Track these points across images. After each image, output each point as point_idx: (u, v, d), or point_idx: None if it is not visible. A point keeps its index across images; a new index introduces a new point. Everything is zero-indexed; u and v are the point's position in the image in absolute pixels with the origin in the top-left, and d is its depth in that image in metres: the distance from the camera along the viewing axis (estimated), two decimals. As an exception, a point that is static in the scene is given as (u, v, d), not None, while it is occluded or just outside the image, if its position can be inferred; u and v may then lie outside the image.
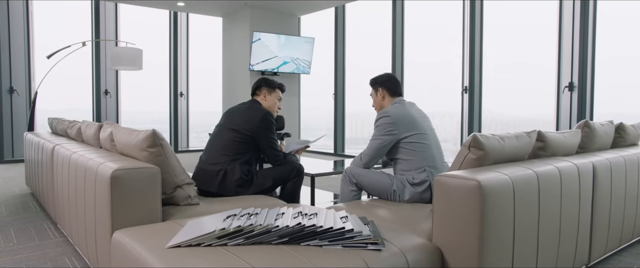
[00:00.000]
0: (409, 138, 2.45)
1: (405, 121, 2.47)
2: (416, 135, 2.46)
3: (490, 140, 1.95)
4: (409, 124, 2.47)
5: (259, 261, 1.37)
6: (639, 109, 5.12)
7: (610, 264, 2.47)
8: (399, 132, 2.45)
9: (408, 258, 1.57)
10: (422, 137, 2.47)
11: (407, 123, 2.47)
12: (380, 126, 2.50)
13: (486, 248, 1.64)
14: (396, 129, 2.45)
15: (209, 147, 2.74)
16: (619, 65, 5.21)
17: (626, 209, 2.57)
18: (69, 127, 3.68)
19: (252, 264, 1.35)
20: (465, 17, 6.32)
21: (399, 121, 2.46)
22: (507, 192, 1.72)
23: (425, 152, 2.46)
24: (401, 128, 2.45)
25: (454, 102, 6.50)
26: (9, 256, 2.59)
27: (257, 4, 7.32)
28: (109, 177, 1.89)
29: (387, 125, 2.47)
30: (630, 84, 5.20)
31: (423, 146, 2.46)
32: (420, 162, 2.43)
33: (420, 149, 2.45)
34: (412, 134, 2.46)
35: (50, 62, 6.03)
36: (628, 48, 5.15)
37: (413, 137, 2.45)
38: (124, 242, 1.67)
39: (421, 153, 2.45)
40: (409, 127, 2.46)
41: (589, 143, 2.63)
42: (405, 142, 2.46)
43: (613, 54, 5.15)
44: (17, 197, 4.34)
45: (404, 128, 2.46)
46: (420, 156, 2.44)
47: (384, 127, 2.47)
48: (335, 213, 1.72)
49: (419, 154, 2.44)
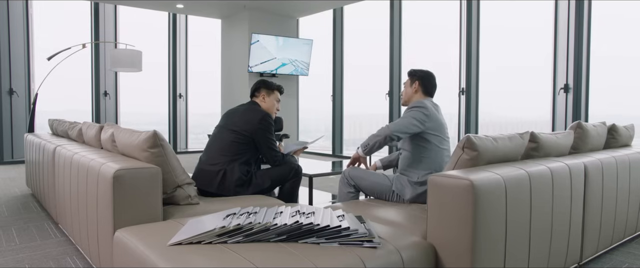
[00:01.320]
0: (433, 137, 2.52)
1: (435, 120, 2.54)
2: (438, 137, 2.53)
3: (483, 141, 2.00)
4: (437, 124, 2.55)
5: (258, 258, 1.42)
6: (633, 110, 5.19)
7: (602, 262, 2.52)
8: (428, 126, 2.51)
9: (403, 255, 1.61)
10: (441, 141, 2.55)
11: (436, 122, 2.54)
12: (415, 112, 2.53)
13: (479, 246, 1.69)
14: (428, 121, 2.51)
15: (208, 147, 2.78)
16: (614, 67, 5.27)
17: (618, 208, 2.62)
18: (70, 128, 3.72)
19: (252, 261, 1.39)
20: (462, 20, 6.38)
21: (432, 117, 2.53)
22: (499, 191, 1.77)
23: (438, 156, 2.53)
24: (430, 124, 2.52)
25: (451, 103, 6.55)
26: (12, 255, 2.63)
27: (256, 6, 7.37)
28: (111, 177, 1.93)
29: (421, 114, 2.51)
30: (625, 85, 5.26)
31: (439, 150, 2.53)
32: (430, 163, 2.50)
33: (435, 151, 2.52)
34: (436, 134, 2.53)
35: (49, 63, 6.07)
36: (622, 49, 5.22)
37: (435, 138, 2.52)
38: (126, 241, 1.71)
39: (435, 155, 2.52)
40: (436, 127, 2.54)
41: (581, 144, 2.68)
42: (429, 135, 2.51)
43: (608, 55, 5.21)
44: (18, 197, 4.37)
45: (433, 126, 2.52)
46: (433, 158, 2.51)
47: (418, 114, 2.51)
48: (332, 212, 1.77)
49: (432, 155, 2.51)
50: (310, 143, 3.25)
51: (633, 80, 5.19)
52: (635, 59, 5.11)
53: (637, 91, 5.15)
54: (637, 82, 5.15)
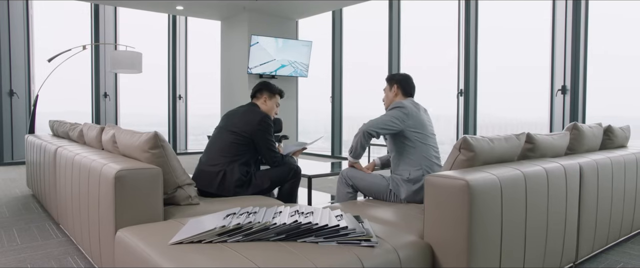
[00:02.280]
0: (414, 134, 2.57)
1: (415, 117, 2.60)
2: (420, 134, 2.58)
3: (479, 142, 2.03)
4: (417, 121, 2.60)
5: (258, 257, 1.44)
6: (630, 111, 5.22)
7: (597, 262, 2.55)
8: (408, 124, 2.57)
9: (400, 255, 1.64)
10: (424, 137, 2.60)
11: (416, 120, 2.60)
12: (395, 111, 2.60)
13: (475, 245, 1.72)
14: (408, 119, 2.57)
15: (208, 148, 2.81)
16: (612, 68, 5.30)
17: (613, 208, 2.65)
18: (71, 129, 3.75)
19: (251, 260, 1.42)
20: (461, 21, 6.42)
21: (411, 115, 2.59)
22: (495, 191, 1.80)
23: (424, 151, 2.57)
24: (410, 122, 2.57)
25: (450, 104, 6.58)
26: (14, 255, 2.66)
27: (256, 7, 7.40)
28: (113, 178, 1.96)
29: (401, 113, 2.58)
30: (623, 86, 5.29)
31: (423, 146, 2.58)
32: (418, 159, 2.55)
33: (420, 147, 2.57)
34: (418, 131, 2.58)
35: (49, 65, 6.09)
36: (620, 50, 5.25)
37: (417, 135, 2.57)
38: (128, 240, 1.74)
39: (420, 151, 2.56)
40: (417, 124, 2.59)
41: (577, 145, 2.71)
42: (410, 133, 2.57)
43: (605, 56, 5.25)
44: (19, 198, 4.39)
45: (413, 123, 2.58)
46: (419, 154, 2.56)
47: (398, 113, 2.58)
48: (330, 212, 1.80)
49: (418, 152, 2.56)
50: (309, 144, 3.28)
51: (631, 81, 5.22)
52: (633, 60, 5.15)
53: (635, 92, 5.19)
54: (634, 83, 5.19)
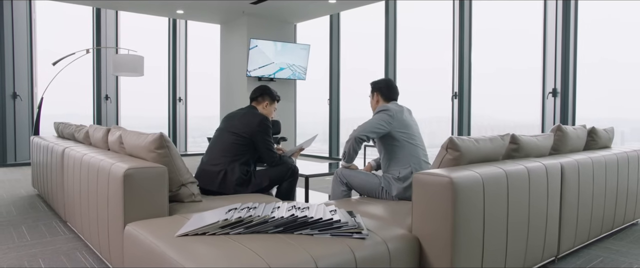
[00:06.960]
0: (400, 134, 2.72)
1: (400, 119, 2.75)
2: (406, 133, 2.74)
3: (465, 142, 2.17)
4: (402, 123, 2.75)
5: (258, 247, 1.58)
6: (619, 113, 5.37)
7: (578, 256, 2.69)
8: (394, 126, 2.72)
9: (389, 246, 1.77)
10: (411, 137, 2.75)
11: (401, 121, 2.75)
12: (380, 114, 2.76)
13: (458, 238, 1.86)
14: (393, 121, 2.72)
15: (210, 149, 2.95)
16: (601, 71, 5.45)
17: (594, 206, 2.79)
18: (76, 131, 3.88)
19: (253, 249, 1.55)
20: (455, 25, 6.56)
21: (396, 117, 2.74)
22: (478, 188, 1.94)
23: (411, 150, 2.72)
24: (395, 124, 2.72)
25: (445, 107, 6.73)
26: (25, 250, 2.79)
27: (255, 11, 7.54)
28: (122, 176, 2.10)
29: (386, 115, 2.74)
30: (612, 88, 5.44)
31: (410, 145, 2.72)
32: (406, 158, 2.69)
33: (407, 146, 2.72)
34: (403, 131, 2.73)
35: (52, 67, 6.22)
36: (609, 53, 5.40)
37: (403, 135, 2.73)
38: (137, 233, 1.87)
39: (408, 151, 2.71)
40: (402, 125, 2.74)
41: (561, 145, 2.85)
42: (396, 133, 2.72)
43: (594, 60, 5.40)
44: (25, 198, 4.52)
45: (398, 125, 2.73)
46: (407, 153, 2.71)
47: (383, 116, 2.74)
48: (325, 206, 1.93)
49: (405, 152, 2.71)
50: (304, 143, 3.41)
51: (620, 84, 5.37)
52: (622, 63, 5.30)
53: (624, 94, 5.34)
54: (623, 85, 5.34)
